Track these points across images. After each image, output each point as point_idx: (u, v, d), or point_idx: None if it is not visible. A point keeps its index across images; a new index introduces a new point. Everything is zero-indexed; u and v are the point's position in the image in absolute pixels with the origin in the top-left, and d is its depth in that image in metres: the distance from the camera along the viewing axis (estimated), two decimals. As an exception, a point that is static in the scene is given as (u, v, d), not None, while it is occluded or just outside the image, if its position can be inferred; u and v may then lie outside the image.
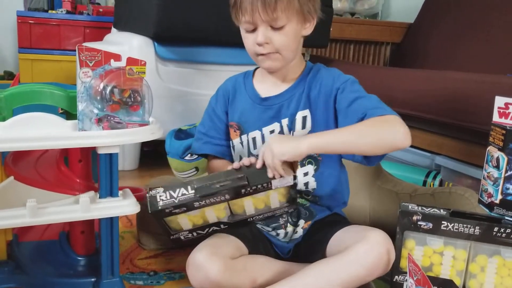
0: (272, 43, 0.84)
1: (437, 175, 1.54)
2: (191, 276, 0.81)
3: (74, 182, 0.89)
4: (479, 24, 1.97)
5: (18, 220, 0.76)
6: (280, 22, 0.82)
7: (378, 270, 0.78)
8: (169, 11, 1.54)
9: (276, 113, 0.90)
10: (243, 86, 0.96)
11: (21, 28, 2.24)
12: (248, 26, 0.84)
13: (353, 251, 0.78)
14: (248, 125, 0.93)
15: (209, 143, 0.97)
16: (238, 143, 0.95)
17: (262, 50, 0.85)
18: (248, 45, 0.87)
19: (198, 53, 1.69)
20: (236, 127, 0.94)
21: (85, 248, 0.94)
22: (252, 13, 0.81)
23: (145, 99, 0.87)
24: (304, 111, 0.89)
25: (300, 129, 0.89)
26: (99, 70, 0.84)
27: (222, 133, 0.97)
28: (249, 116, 0.93)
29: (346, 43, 2.38)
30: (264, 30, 0.83)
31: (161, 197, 0.81)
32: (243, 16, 0.83)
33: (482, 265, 0.85)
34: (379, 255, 0.77)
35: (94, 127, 0.82)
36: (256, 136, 0.92)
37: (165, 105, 1.63)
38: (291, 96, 0.90)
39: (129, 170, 1.73)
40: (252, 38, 0.85)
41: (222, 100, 0.97)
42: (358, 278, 0.78)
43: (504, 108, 0.86)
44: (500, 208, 0.86)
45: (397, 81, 1.62)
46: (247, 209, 0.86)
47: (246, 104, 0.94)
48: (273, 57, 0.86)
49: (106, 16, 2.32)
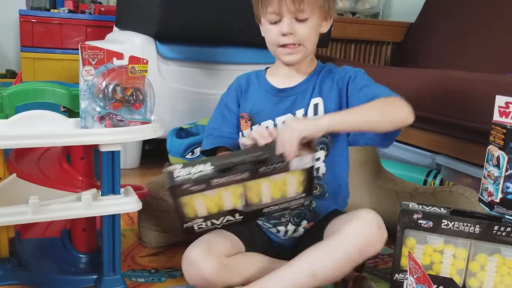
0: (296, 34, 0.87)
1: (437, 174, 1.54)
2: (185, 272, 0.82)
3: (76, 180, 0.89)
4: (479, 23, 1.98)
5: (21, 217, 0.77)
6: (305, 14, 0.86)
7: (371, 248, 0.79)
8: (170, 10, 1.55)
9: (290, 104, 0.93)
10: (256, 80, 0.98)
11: (23, 27, 2.25)
12: (273, 17, 0.87)
13: (344, 231, 0.79)
14: (261, 115, 0.94)
15: (219, 137, 0.96)
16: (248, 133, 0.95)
17: (286, 40, 0.87)
18: (271, 36, 0.89)
19: (200, 52, 1.69)
20: (247, 117, 0.95)
21: (87, 246, 0.95)
22: (280, 4, 0.84)
23: (147, 97, 0.87)
24: (316, 98, 0.92)
25: (312, 115, 0.92)
26: (101, 68, 0.84)
27: (234, 127, 0.97)
28: (262, 107, 0.94)
29: (347, 43, 2.38)
30: (289, 21, 0.86)
31: (179, 172, 0.77)
32: (270, 7, 0.86)
33: (482, 263, 0.86)
34: (371, 233, 0.78)
35: (96, 125, 0.83)
36: (268, 125, 0.93)
37: (166, 104, 1.63)
38: (305, 88, 0.93)
39: (131, 168, 1.74)
40: (276, 29, 0.87)
41: (234, 93, 0.98)
42: (351, 257, 0.79)
43: (505, 107, 0.86)
44: (500, 206, 0.86)
45: (398, 80, 1.62)
46: (264, 196, 0.83)
47: (259, 95, 0.95)
48: (295, 49, 0.89)
49: (108, 15, 2.33)
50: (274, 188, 0.82)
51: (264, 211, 0.85)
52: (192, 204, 0.80)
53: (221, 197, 0.81)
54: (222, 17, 1.60)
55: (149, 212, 1.07)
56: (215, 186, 0.78)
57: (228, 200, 0.82)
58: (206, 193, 0.79)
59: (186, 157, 1.52)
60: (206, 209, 0.81)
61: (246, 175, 0.79)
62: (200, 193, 0.79)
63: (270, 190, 0.83)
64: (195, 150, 1.51)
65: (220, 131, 0.97)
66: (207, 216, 0.82)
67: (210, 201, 0.81)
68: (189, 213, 0.81)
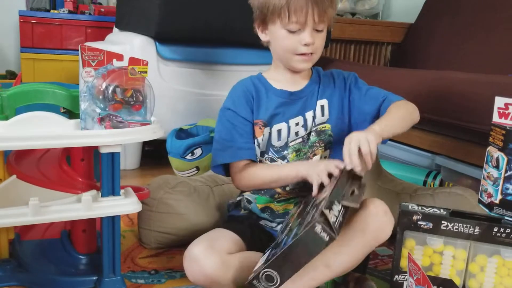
0: (314, 45, 0.90)
1: (437, 175, 1.54)
2: (187, 269, 0.81)
3: (76, 181, 0.89)
4: (479, 24, 1.98)
5: (21, 218, 0.77)
6: (323, 25, 0.90)
7: (382, 235, 0.83)
8: (170, 11, 1.55)
9: (301, 107, 0.96)
10: (262, 86, 0.98)
11: (23, 28, 2.25)
12: (295, 26, 0.88)
13: (356, 222, 0.82)
14: (275, 119, 0.96)
15: (239, 149, 0.94)
16: (261, 140, 0.96)
17: (307, 50, 0.90)
18: (288, 45, 0.90)
19: (200, 53, 1.69)
20: (261, 124, 0.96)
21: (87, 247, 0.95)
22: (306, 15, 0.87)
23: (147, 98, 0.87)
24: (322, 100, 0.97)
25: (320, 116, 0.96)
26: (101, 70, 0.84)
27: (248, 135, 0.95)
28: (276, 111, 0.96)
29: (346, 43, 2.38)
30: (311, 31, 0.89)
31: (330, 217, 0.70)
32: (294, 16, 0.87)
33: (481, 264, 0.86)
34: (380, 221, 0.82)
35: (96, 126, 0.83)
36: (282, 128, 0.95)
37: (166, 105, 1.63)
38: (312, 90, 0.97)
39: (131, 169, 1.74)
40: (296, 38, 0.89)
41: (244, 100, 0.96)
42: (365, 246, 0.82)
43: (504, 109, 0.86)
44: (500, 208, 0.86)
45: (397, 81, 1.62)
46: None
47: (271, 100, 0.96)
48: (311, 58, 0.92)
49: (108, 16, 2.33)
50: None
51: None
52: None
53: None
54: (222, 18, 1.60)
55: (149, 213, 1.07)
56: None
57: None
58: None
59: (186, 158, 1.52)
60: None
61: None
62: None
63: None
64: (195, 151, 1.51)
65: (236, 143, 0.94)
66: None
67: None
68: None
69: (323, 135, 0.96)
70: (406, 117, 0.93)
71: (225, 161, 0.95)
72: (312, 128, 0.95)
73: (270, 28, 0.92)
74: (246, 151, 0.94)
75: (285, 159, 0.95)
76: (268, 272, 0.71)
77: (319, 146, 0.96)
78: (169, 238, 1.07)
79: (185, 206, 1.07)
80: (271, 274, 0.71)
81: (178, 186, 1.09)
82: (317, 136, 0.95)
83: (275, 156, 0.95)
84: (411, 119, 0.94)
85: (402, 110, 0.93)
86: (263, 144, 0.96)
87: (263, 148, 0.96)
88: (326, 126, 0.96)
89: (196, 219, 1.06)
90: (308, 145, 0.95)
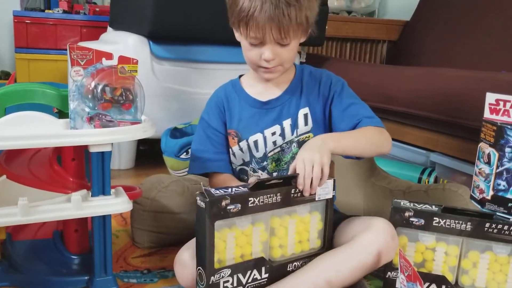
0: (277, 58, 0.86)
1: (432, 172, 1.54)
2: (178, 274, 0.82)
3: (67, 181, 0.89)
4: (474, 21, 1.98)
5: (10, 218, 0.77)
6: (288, 40, 0.84)
7: (385, 257, 0.81)
8: (164, 10, 1.54)
9: (277, 115, 0.93)
10: (235, 94, 0.96)
11: (18, 28, 2.24)
12: (254, 41, 0.85)
13: (360, 241, 0.80)
14: (248, 130, 0.93)
15: (208, 161, 0.95)
16: (237, 149, 0.95)
17: (268, 65, 0.86)
18: (251, 57, 0.87)
19: (193, 51, 1.69)
20: (234, 134, 0.94)
21: (79, 247, 0.95)
22: (264, 32, 0.82)
23: (137, 97, 0.87)
24: (304, 109, 0.93)
25: (303, 126, 0.93)
26: (90, 69, 0.84)
27: (220, 145, 0.95)
28: (248, 122, 0.93)
29: (342, 41, 2.38)
30: (272, 47, 0.84)
31: (215, 191, 0.75)
32: (251, 32, 0.83)
33: (474, 260, 0.86)
34: (385, 243, 0.80)
35: (86, 126, 0.82)
36: (258, 139, 0.93)
37: (160, 104, 1.63)
38: (290, 97, 0.93)
39: (125, 169, 1.74)
40: (257, 52, 0.86)
41: (216, 111, 0.96)
42: (366, 266, 0.80)
43: (495, 105, 0.86)
44: (491, 204, 0.86)
45: (393, 79, 1.62)
46: (290, 241, 0.83)
47: (243, 110, 0.94)
48: (275, 70, 0.88)
49: (103, 15, 2.32)
50: (299, 227, 0.83)
51: (288, 268, 0.83)
52: (223, 240, 0.76)
53: (251, 235, 0.79)
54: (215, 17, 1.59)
55: (142, 213, 1.06)
56: (250, 210, 0.76)
57: (257, 243, 0.80)
58: (238, 223, 0.77)
59: (181, 157, 1.51)
60: (235, 253, 0.78)
61: (279, 199, 0.79)
62: (233, 223, 0.76)
63: (295, 231, 0.83)
64: (189, 150, 1.51)
65: (208, 153, 0.95)
66: (234, 266, 0.77)
67: (241, 238, 0.78)
68: (220, 258, 0.77)
69: None
70: (368, 142, 0.87)
71: (194, 172, 0.97)
72: (294, 139, 0.93)
73: (237, 34, 0.89)
74: (215, 163, 0.94)
75: (265, 170, 0.94)
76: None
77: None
78: (162, 237, 1.07)
79: (178, 205, 1.07)
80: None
81: (171, 185, 1.09)
82: (299, 147, 0.91)
83: (257, 167, 0.94)
84: (375, 147, 0.88)
85: (369, 134, 0.87)
86: (244, 155, 0.94)
87: (246, 159, 0.95)
88: (310, 135, 0.93)
89: (188, 218, 1.06)
90: (289, 155, 0.93)
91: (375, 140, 0.88)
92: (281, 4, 0.80)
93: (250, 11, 0.81)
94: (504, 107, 0.85)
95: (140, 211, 1.06)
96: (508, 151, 0.83)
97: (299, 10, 0.82)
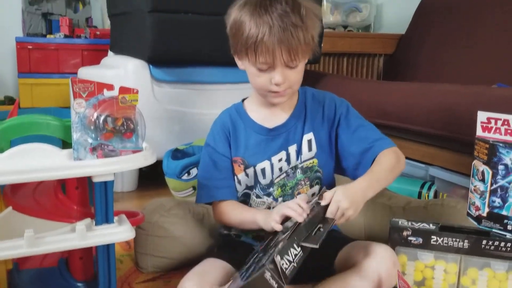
0: (287, 81, 0.86)
1: (432, 185, 1.55)
2: None
3: (72, 210, 0.91)
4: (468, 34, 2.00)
5: (16, 250, 0.78)
6: (297, 62, 0.86)
7: (387, 283, 0.82)
8: (163, 35, 1.58)
9: (283, 141, 0.93)
10: (240, 120, 0.96)
11: (20, 54, 2.28)
12: (264, 66, 0.85)
13: (362, 267, 0.81)
14: (255, 157, 0.93)
15: (215, 188, 0.95)
16: (243, 176, 0.95)
17: (279, 89, 0.87)
18: (260, 83, 0.88)
19: (193, 73, 1.72)
20: (240, 161, 0.94)
21: (84, 274, 0.96)
22: (274, 56, 0.83)
23: (138, 125, 0.89)
24: (308, 134, 0.93)
25: (307, 152, 0.94)
26: (92, 100, 0.86)
27: (227, 171, 0.95)
28: (255, 149, 0.94)
29: (339, 57, 2.41)
30: (282, 70, 0.85)
31: (281, 262, 0.69)
32: (261, 57, 0.84)
33: (473, 277, 0.87)
34: (387, 270, 0.81)
35: (89, 156, 0.84)
36: (265, 166, 0.93)
37: (161, 126, 1.66)
38: (295, 122, 0.94)
39: (128, 191, 1.75)
40: (266, 77, 0.86)
41: (222, 136, 0.96)
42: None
43: (487, 123, 0.88)
44: (487, 221, 0.87)
45: (389, 94, 1.64)
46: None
47: (250, 137, 0.94)
48: (285, 93, 0.88)
49: (104, 38, 2.36)
50: None
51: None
52: None
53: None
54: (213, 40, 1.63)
55: (145, 237, 1.08)
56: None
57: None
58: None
59: (183, 178, 1.53)
60: None
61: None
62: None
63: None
64: (191, 171, 1.53)
65: (214, 181, 0.95)
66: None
67: None
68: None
69: (309, 172, 0.93)
70: (392, 174, 0.90)
71: (201, 201, 0.96)
72: (299, 165, 0.93)
73: (242, 62, 0.90)
74: (222, 190, 0.94)
75: (271, 196, 0.94)
76: None
77: (304, 184, 0.94)
78: (165, 262, 1.08)
79: (180, 230, 1.08)
80: None
81: (173, 209, 1.11)
82: (303, 174, 0.93)
83: (261, 193, 0.95)
84: (397, 173, 0.91)
85: (389, 164, 0.89)
86: (249, 180, 0.95)
87: (251, 183, 0.95)
88: (314, 161, 0.93)
89: (191, 242, 1.07)
90: (294, 180, 0.94)
91: (396, 168, 0.90)
92: (288, 26, 0.81)
93: (258, 37, 0.82)
94: (495, 125, 0.87)
95: (143, 236, 1.08)
96: (501, 168, 0.84)
97: (306, 31, 0.83)
